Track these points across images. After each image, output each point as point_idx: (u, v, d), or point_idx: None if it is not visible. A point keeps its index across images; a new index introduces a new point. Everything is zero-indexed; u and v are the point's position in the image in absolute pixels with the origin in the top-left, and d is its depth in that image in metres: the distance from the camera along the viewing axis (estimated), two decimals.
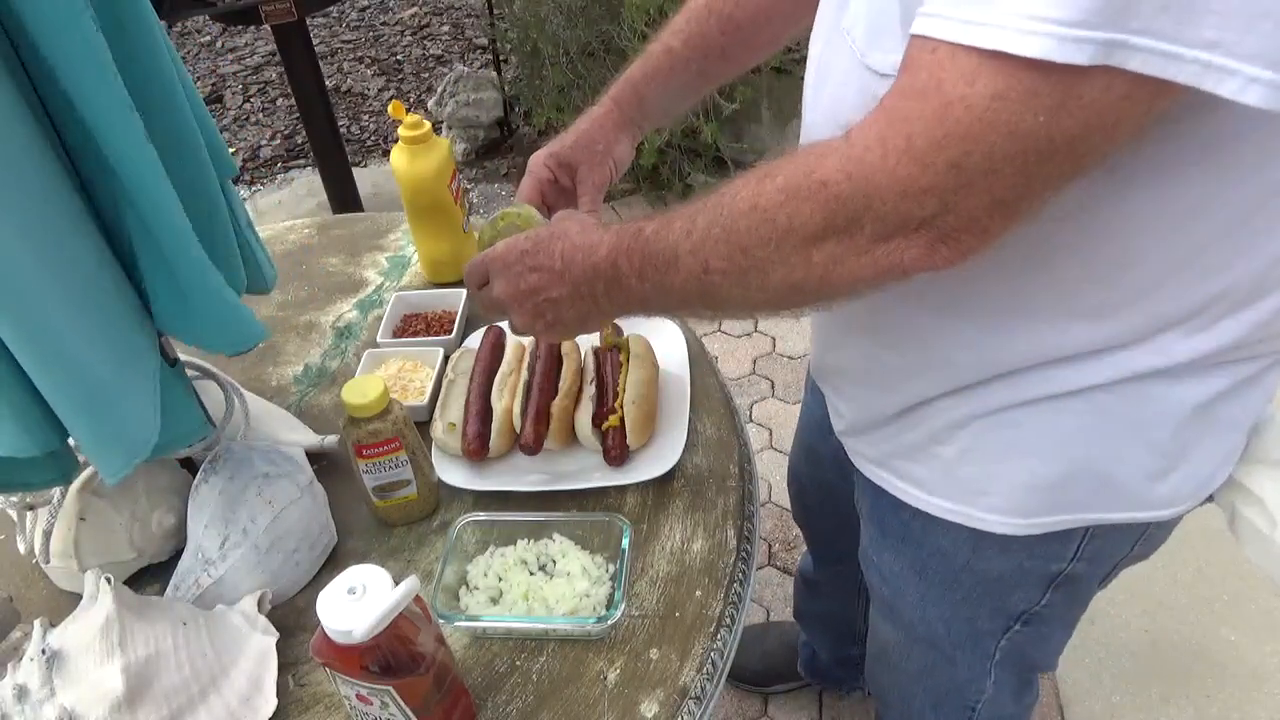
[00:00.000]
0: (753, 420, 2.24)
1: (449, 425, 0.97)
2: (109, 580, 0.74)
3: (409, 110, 1.14)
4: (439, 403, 1.00)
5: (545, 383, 0.98)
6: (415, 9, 4.67)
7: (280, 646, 0.80)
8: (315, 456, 0.97)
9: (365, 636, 0.63)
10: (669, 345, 1.08)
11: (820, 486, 1.18)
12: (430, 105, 3.44)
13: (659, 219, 0.65)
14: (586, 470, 0.96)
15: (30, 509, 0.87)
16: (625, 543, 0.84)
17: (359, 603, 0.64)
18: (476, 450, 0.95)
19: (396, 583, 0.65)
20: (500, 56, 3.32)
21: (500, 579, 0.85)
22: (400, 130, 1.14)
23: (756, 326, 2.50)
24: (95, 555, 0.85)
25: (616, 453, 0.94)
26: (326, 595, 0.65)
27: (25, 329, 0.62)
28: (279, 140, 3.77)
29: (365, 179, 3.12)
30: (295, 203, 3.33)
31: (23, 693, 0.70)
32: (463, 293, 1.18)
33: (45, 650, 0.71)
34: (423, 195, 1.17)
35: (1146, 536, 0.78)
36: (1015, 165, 0.49)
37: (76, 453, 0.79)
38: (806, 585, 1.45)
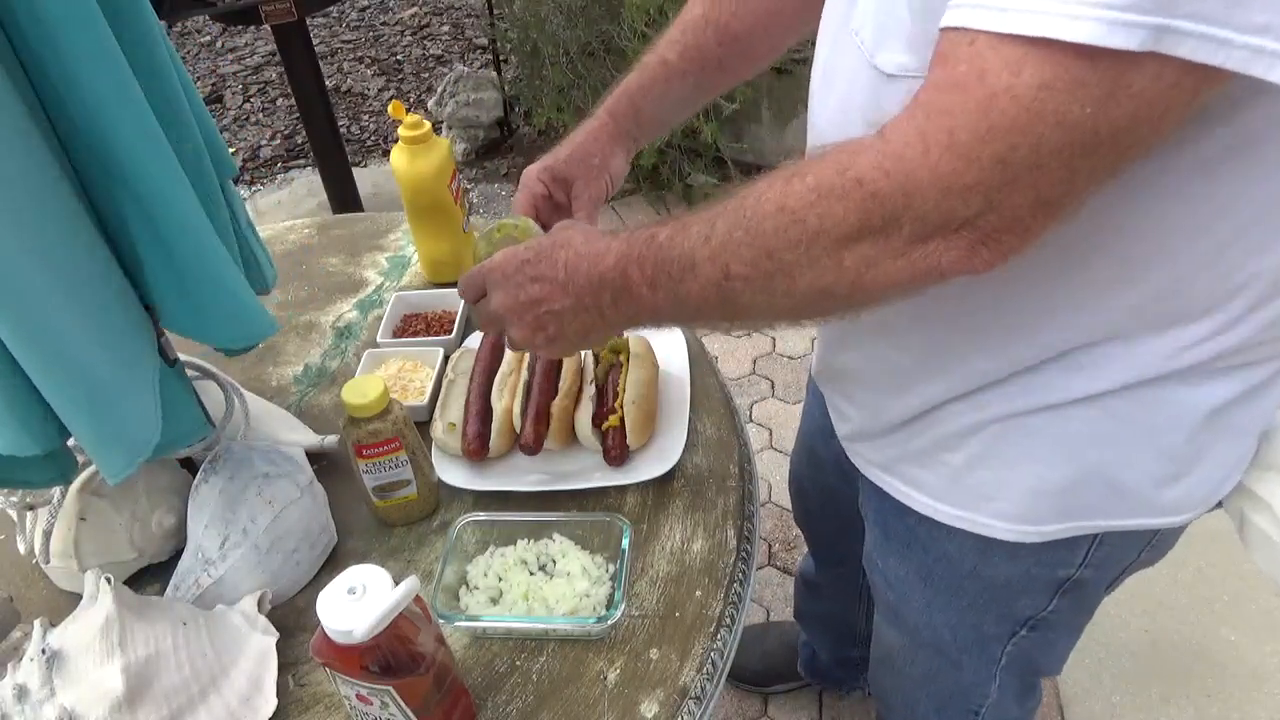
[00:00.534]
0: (753, 420, 2.24)
1: (449, 425, 0.97)
2: (109, 580, 0.74)
3: (409, 110, 1.14)
4: (439, 403, 1.00)
5: (545, 383, 0.98)
6: (415, 9, 4.67)
7: (280, 646, 0.80)
8: (315, 456, 0.97)
9: (365, 636, 0.63)
10: (669, 345, 1.08)
11: (822, 490, 1.18)
12: (430, 105, 3.44)
13: (672, 224, 0.62)
14: (586, 470, 0.96)
15: (30, 509, 0.87)
16: (625, 543, 0.84)
17: (359, 603, 0.64)
18: (476, 450, 0.95)
19: (396, 583, 0.65)
20: (500, 56, 3.32)
21: (500, 579, 0.85)
22: (400, 130, 1.14)
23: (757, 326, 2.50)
24: (95, 555, 0.85)
25: (616, 453, 0.94)
26: (326, 595, 0.65)
27: (26, 329, 0.62)
28: (279, 140, 3.77)
29: (365, 179, 3.12)
30: (295, 203, 3.33)
31: (23, 693, 0.70)
32: None
33: (45, 650, 0.71)
34: (423, 195, 1.17)
35: (1155, 542, 0.78)
36: (1061, 159, 0.47)
37: (77, 452, 0.79)
38: (807, 587, 1.45)
